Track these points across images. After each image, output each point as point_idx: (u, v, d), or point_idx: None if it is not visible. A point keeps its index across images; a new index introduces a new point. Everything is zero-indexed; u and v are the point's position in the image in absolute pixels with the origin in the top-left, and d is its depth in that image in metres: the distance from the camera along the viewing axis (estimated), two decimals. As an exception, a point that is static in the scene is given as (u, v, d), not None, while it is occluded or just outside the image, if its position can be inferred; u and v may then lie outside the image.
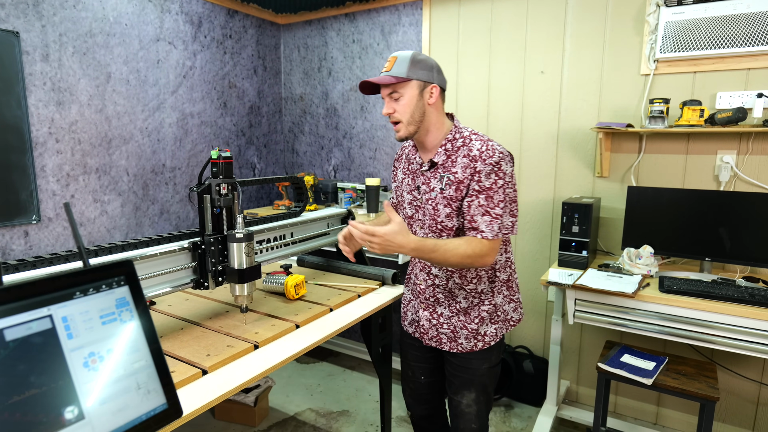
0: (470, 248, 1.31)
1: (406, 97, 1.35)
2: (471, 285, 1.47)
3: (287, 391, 2.82)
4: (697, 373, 1.86)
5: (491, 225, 1.33)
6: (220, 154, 1.43)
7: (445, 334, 1.52)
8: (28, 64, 2.13)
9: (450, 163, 1.39)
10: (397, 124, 1.38)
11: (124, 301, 0.65)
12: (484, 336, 1.49)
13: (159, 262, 1.38)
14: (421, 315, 1.57)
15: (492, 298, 1.49)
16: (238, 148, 3.21)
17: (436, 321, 1.53)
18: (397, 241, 1.22)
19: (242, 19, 3.13)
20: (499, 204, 1.33)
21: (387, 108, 1.38)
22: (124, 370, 0.62)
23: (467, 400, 1.52)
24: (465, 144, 1.38)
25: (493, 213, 1.33)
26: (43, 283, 0.57)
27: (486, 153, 1.33)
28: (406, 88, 1.35)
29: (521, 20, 2.57)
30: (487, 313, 1.49)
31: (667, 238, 2.17)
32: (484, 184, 1.32)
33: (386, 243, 1.22)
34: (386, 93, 1.37)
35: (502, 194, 1.33)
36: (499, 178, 1.32)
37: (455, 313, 1.50)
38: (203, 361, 1.24)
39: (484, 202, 1.33)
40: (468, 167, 1.35)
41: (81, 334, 0.59)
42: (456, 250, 1.29)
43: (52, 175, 2.25)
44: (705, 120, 2.05)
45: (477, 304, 1.48)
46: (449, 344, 1.52)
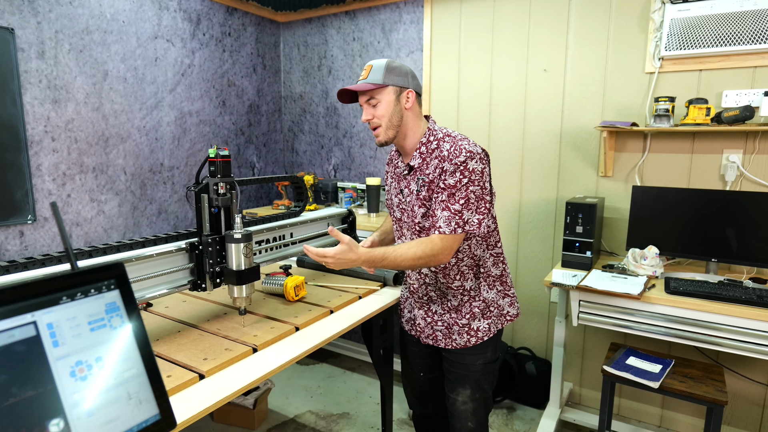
0: (420, 249, 1.33)
1: (383, 102, 1.40)
2: (456, 282, 1.48)
3: (287, 393, 2.79)
4: (704, 376, 1.83)
5: (449, 221, 1.35)
6: (218, 153, 1.39)
7: (440, 331, 1.54)
8: (23, 61, 2.09)
9: (425, 165, 1.43)
10: (376, 129, 1.42)
11: (115, 306, 0.61)
12: (477, 331, 1.50)
13: (155, 263, 1.34)
14: (416, 314, 1.59)
15: (480, 294, 1.51)
16: (237, 147, 3.18)
17: (431, 319, 1.56)
18: (347, 257, 1.31)
19: (241, 16, 3.10)
20: (460, 201, 1.35)
21: (366, 114, 1.42)
22: (114, 379, 0.58)
23: (462, 397, 1.53)
24: (438, 147, 1.41)
25: (453, 209, 1.35)
26: (27, 287, 0.53)
27: (453, 153, 1.36)
28: (383, 93, 1.39)
29: (524, 17, 2.54)
30: (478, 309, 1.51)
31: (673, 238, 2.13)
32: (448, 182, 1.35)
33: (338, 261, 1.31)
34: (364, 100, 1.42)
35: (465, 192, 1.35)
36: (464, 177, 1.34)
37: (447, 311, 1.53)
38: (200, 365, 1.20)
39: (446, 198, 1.36)
40: (437, 167, 1.39)
41: (68, 342, 0.56)
42: (405, 254, 1.33)
43: (48, 174, 2.21)
44: (711, 119, 2.01)
45: (467, 300, 1.51)
46: (444, 341, 1.54)
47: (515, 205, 2.68)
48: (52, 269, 1.08)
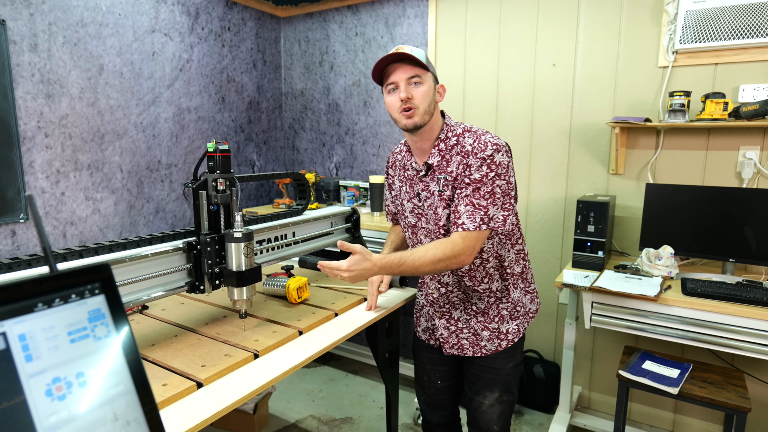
0: (439, 251, 1.24)
1: (426, 85, 1.29)
2: (483, 285, 1.40)
3: (288, 397, 2.71)
4: (725, 381, 1.76)
5: (472, 216, 1.26)
6: (217, 147, 1.32)
7: (465, 339, 1.45)
8: (15, 54, 2.02)
9: (445, 163, 1.34)
10: (413, 110, 1.28)
11: (99, 313, 0.54)
12: (507, 334, 1.43)
13: (151, 264, 1.27)
14: (438, 324, 1.50)
15: (508, 294, 1.44)
16: (237, 144, 3.10)
17: (454, 327, 1.46)
18: (362, 267, 1.23)
19: (241, 11, 3.02)
20: (485, 195, 1.26)
21: (405, 92, 1.27)
22: (97, 398, 0.51)
23: (490, 400, 1.46)
24: (458, 142, 1.33)
25: (477, 204, 1.26)
26: (-6, 293, 0.46)
27: (478, 147, 1.28)
28: (426, 76, 1.30)
29: (532, 11, 2.46)
30: (506, 311, 1.44)
31: (688, 238, 2.06)
32: (474, 176, 1.27)
33: (354, 274, 1.23)
34: (407, 76, 1.27)
35: (491, 186, 1.27)
36: (491, 170, 1.27)
37: (473, 315, 1.44)
38: (198, 373, 1.13)
39: (470, 192, 1.27)
40: (461, 163, 1.30)
41: (43, 356, 0.48)
42: (424, 257, 1.24)
43: (41, 171, 2.14)
44: (729, 113, 1.94)
45: (494, 302, 1.43)
46: (472, 349, 1.45)
47: (522, 203, 2.61)
48: (36, 271, 1.01)
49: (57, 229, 2.22)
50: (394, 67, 1.28)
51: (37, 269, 1.03)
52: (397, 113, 1.31)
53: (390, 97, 1.31)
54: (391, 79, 1.29)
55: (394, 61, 1.28)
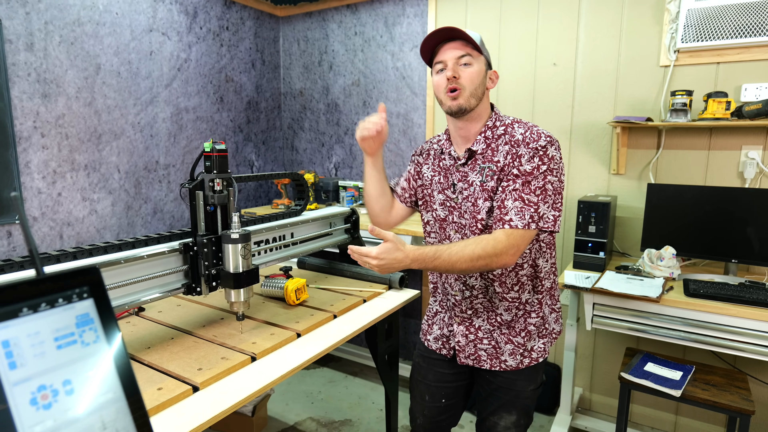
0: (479, 248, 1.12)
1: (476, 67, 1.20)
2: (512, 293, 1.29)
3: (287, 399, 2.69)
4: (728, 383, 1.74)
5: (522, 212, 1.15)
6: (214, 147, 1.30)
7: (484, 350, 1.33)
8: (11, 53, 2.00)
9: (490, 152, 1.23)
10: (458, 91, 1.20)
11: (88, 318, 0.52)
12: (531, 351, 1.31)
13: (147, 266, 1.25)
14: (456, 330, 1.37)
15: (540, 309, 1.31)
16: (236, 144, 3.09)
17: (474, 336, 1.34)
18: (393, 256, 1.12)
19: (239, 10, 3.01)
20: (536, 191, 1.16)
21: (452, 71, 1.19)
22: (85, 406, 0.49)
23: (506, 422, 1.35)
24: (506, 132, 1.24)
25: (527, 199, 1.15)
26: (-24, 298, 0.44)
27: (530, 137, 1.19)
28: (478, 59, 1.22)
29: (532, 9, 2.45)
30: (534, 327, 1.31)
31: (690, 238, 2.04)
32: (524, 168, 1.16)
33: (383, 263, 1.13)
34: (457, 54, 1.19)
35: (542, 181, 1.16)
36: (543, 163, 1.16)
37: (496, 327, 1.32)
38: (194, 376, 1.11)
39: (520, 186, 1.16)
40: (509, 153, 1.20)
41: (28, 363, 0.47)
42: (462, 253, 1.12)
43: (38, 171, 2.12)
44: (731, 113, 1.92)
45: (522, 315, 1.31)
46: (490, 362, 1.33)
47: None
48: (25, 273, 0.99)
49: (53, 230, 2.20)
50: (444, 45, 1.21)
51: (29, 272, 1.01)
52: (442, 94, 1.22)
53: (437, 76, 1.23)
54: (440, 57, 1.22)
55: (445, 40, 1.21)
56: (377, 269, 1.14)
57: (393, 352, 1.80)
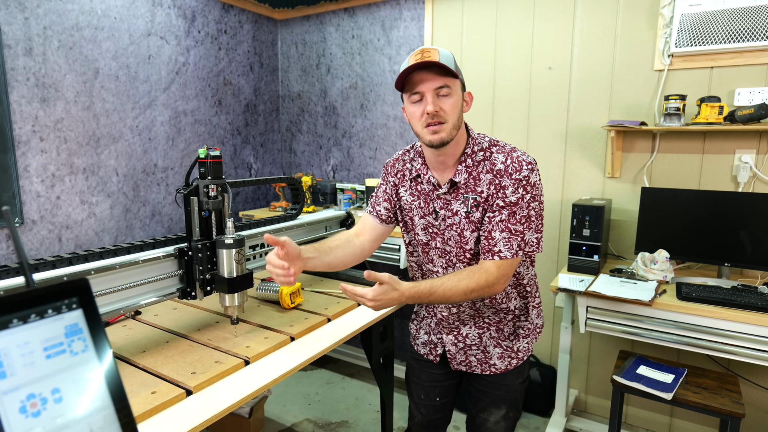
0: (473, 281, 1.16)
1: (455, 96, 1.16)
2: (503, 305, 1.33)
3: (284, 401, 2.71)
4: (719, 386, 1.75)
5: (509, 243, 1.18)
6: (209, 153, 1.32)
7: (474, 356, 1.38)
8: (10, 58, 2.01)
9: (473, 181, 1.22)
10: (441, 125, 1.15)
11: (77, 328, 0.53)
12: (518, 352, 1.37)
13: (142, 270, 1.27)
14: (445, 339, 1.40)
15: (527, 313, 1.37)
16: (234, 147, 3.10)
17: (462, 344, 1.38)
18: (389, 296, 1.13)
19: (238, 13, 3.02)
20: (521, 220, 1.19)
21: (432, 105, 1.13)
22: (73, 414, 0.50)
23: (496, 417, 1.40)
24: (486, 158, 1.22)
25: (513, 229, 1.18)
26: (-33, 310, 0.45)
27: (512, 167, 1.18)
28: (456, 86, 1.16)
29: (528, 14, 2.46)
30: (522, 330, 1.37)
31: (684, 242, 2.06)
32: (509, 199, 1.18)
33: (379, 304, 1.14)
34: (435, 86, 1.13)
35: (527, 210, 1.19)
36: (527, 193, 1.19)
37: (484, 329, 1.35)
38: (188, 380, 1.13)
39: (506, 217, 1.18)
40: (492, 183, 1.20)
41: (17, 372, 0.48)
42: (456, 287, 1.15)
43: (36, 175, 2.14)
44: (724, 117, 1.94)
45: (511, 319, 1.35)
46: (480, 367, 1.38)
47: (519, 206, 2.60)
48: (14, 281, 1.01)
49: (52, 233, 2.22)
50: (419, 73, 1.14)
51: (19, 278, 1.03)
52: (420, 127, 1.17)
53: (413, 107, 1.17)
54: (417, 88, 1.15)
55: (420, 68, 1.14)
56: (373, 309, 1.15)
57: (388, 355, 1.81)
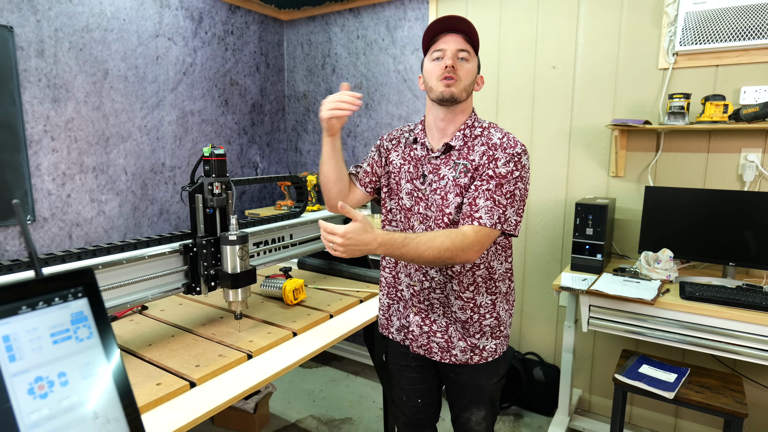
0: (448, 240, 1.14)
1: (471, 64, 1.25)
2: (468, 293, 1.31)
3: (288, 397, 2.74)
4: (722, 386, 1.75)
5: (491, 212, 1.18)
6: (213, 152, 1.35)
7: (437, 343, 1.36)
8: (23, 59, 2.06)
9: (467, 149, 1.27)
10: (454, 81, 1.22)
11: (82, 315, 0.56)
12: (482, 350, 1.35)
13: (148, 266, 1.30)
14: (411, 320, 1.38)
15: (493, 310, 1.35)
16: (240, 146, 3.14)
17: (428, 329, 1.36)
18: (361, 239, 1.09)
19: (244, 14, 3.06)
20: (506, 194, 1.21)
21: (451, 60, 1.21)
22: (78, 396, 0.53)
23: (476, 417, 1.41)
24: (483, 134, 1.27)
25: (497, 200, 1.20)
26: (-22, 296, 0.48)
27: (507, 143, 1.23)
28: (473, 59, 1.26)
29: (532, 13, 2.47)
30: (489, 327, 1.34)
31: (688, 241, 2.05)
32: (500, 170, 1.20)
33: (350, 243, 1.08)
34: (458, 47, 1.22)
35: (513, 186, 1.21)
36: (516, 169, 1.21)
37: (452, 322, 1.34)
38: (192, 373, 1.16)
39: (493, 187, 1.20)
40: (486, 154, 1.24)
41: (26, 356, 0.51)
42: (431, 242, 1.14)
43: (48, 174, 2.18)
44: (729, 116, 1.93)
45: (477, 319, 1.33)
46: (440, 354, 1.36)
47: (523, 206, 2.61)
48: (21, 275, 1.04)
49: (63, 231, 2.26)
50: (445, 35, 1.24)
51: (28, 272, 1.06)
52: (435, 80, 1.23)
53: (433, 64, 1.25)
54: (440, 45, 1.23)
55: (448, 30, 1.24)
56: (341, 250, 1.09)
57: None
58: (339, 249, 1.09)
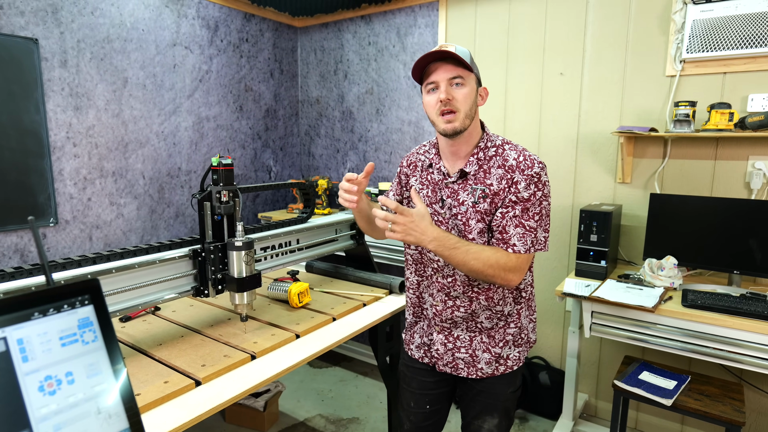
0: (495, 257, 1.17)
1: (468, 87, 1.21)
2: (498, 306, 1.32)
3: (298, 396, 2.81)
4: (722, 394, 1.75)
5: (524, 238, 1.20)
6: (221, 162, 1.42)
7: (462, 359, 1.35)
8: (47, 70, 2.17)
9: (483, 174, 1.26)
10: (453, 114, 1.21)
11: (88, 321, 0.62)
12: (507, 360, 1.35)
13: (160, 270, 1.37)
14: (435, 338, 1.38)
15: (518, 320, 1.35)
16: (254, 151, 3.23)
17: (452, 345, 1.36)
18: (421, 226, 1.13)
19: (259, 22, 3.14)
20: (534, 216, 1.21)
21: (445, 93, 1.19)
22: (83, 393, 0.59)
23: (489, 425, 1.39)
24: (498, 154, 1.26)
25: (527, 225, 1.20)
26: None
27: (524, 163, 1.22)
28: (470, 78, 1.22)
29: (540, 21, 2.48)
30: (512, 336, 1.34)
31: (693, 248, 2.05)
32: (522, 195, 1.21)
33: (411, 226, 1.12)
34: (449, 76, 1.19)
35: (539, 207, 1.22)
36: (538, 190, 1.22)
37: (477, 333, 1.34)
38: (198, 372, 1.22)
39: (520, 213, 1.21)
40: (504, 178, 1.23)
41: (37, 357, 0.57)
42: (480, 254, 1.16)
43: (70, 178, 2.29)
44: (735, 124, 1.92)
45: (503, 326, 1.34)
46: (467, 370, 1.36)
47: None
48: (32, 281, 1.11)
49: (84, 233, 2.37)
50: (436, 65, 1.21)
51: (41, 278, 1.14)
52: (435, 115, 1.23)
53: (429, 97, 1.24)
54: (432, 78, 1.21)
55: (436, 59, 1.20)
56: (398, 230, 1.12)
57: (394, 354, 1.88)
58: (397, 229, 1.12)
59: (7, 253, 2.13)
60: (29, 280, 1.11)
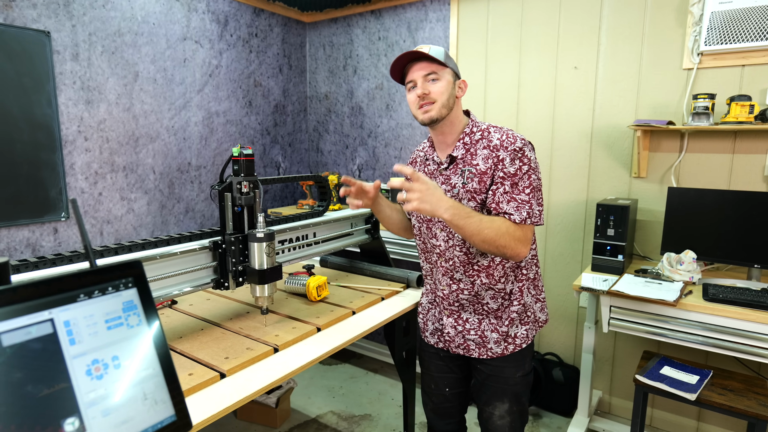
0: (506, 225, 1.23)
1: (443, 81, 1.31)
2: (499, 284, 1.37)
3: (309, 393, 2.79)
4: (746, 388, 1.73)
5: (519, 211, 1.26)
6: (242, 152, 1.40)
7: (472, 340, 1.42)
8: (59, 63, 2.15)
9: (470, 156, 1.34)
10: (430, 105, 1.31)
11: (132, 304, 0.60)
12: (515, 338, 1.40)
13: (179, 261, 1.35)
14: (445, 322, 1.46)
15: (521, 297, 1.40)
16: (263, 146, 3.20)
17: (462, 328, 1.44)
18: (438, 194, 1.18)
19: (268, 17, 3.12)
20: (525, 190, 1.27)
21: (422, 88, 1.30)
22: (130, 378, 0.57)
23: (500, 411, 1.44)
24: (483, 137, 1.34)
25: (519, 198, 1.26)
26: (44, 284, 0.53)
27: (507, 141, 1.30)
28: (444, 72, 1.32)
29: (554, 14, 2.46)
30: (516, 314, 1.40)
31: (711, 242, 2.03)
32: (508, 170, 1.27)
33: (428, 193, 1.16)
34: (424, 73, 1.30)
35: (527, 180, 1.27)
36: (524, 164, 1.28)
37: (484, 315, 1.41)
38: (222, 364, 1.20)
39: (510, 188, 1.27)
40: (489, 157, 1.31)
41: (84, 340, 0.55)
42: (492, 223, 1.22)
43: (81, 172, 2.27)
44: (755, 116, 1.90)
45: (507, 305, 1.40)
46: (478, 350, 1.42)
47: (543, 205, 2.61)
48: (74, 267, 1.10)
49: (95, 228, 2.35)
50: (412, 66, 1.33)
51: (78, 264, 1.12)
52: (416, 109, 1.34)
53: (410, 94, 1.35)
54: (409, 77, 1.34)
55: (411, 60, 1.32)
56: (416, 197, 1.16)
57: (411, 350, 1.86)
58: (413, 197, 1.16)
59: (19, 248, 2.11)
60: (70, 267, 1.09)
